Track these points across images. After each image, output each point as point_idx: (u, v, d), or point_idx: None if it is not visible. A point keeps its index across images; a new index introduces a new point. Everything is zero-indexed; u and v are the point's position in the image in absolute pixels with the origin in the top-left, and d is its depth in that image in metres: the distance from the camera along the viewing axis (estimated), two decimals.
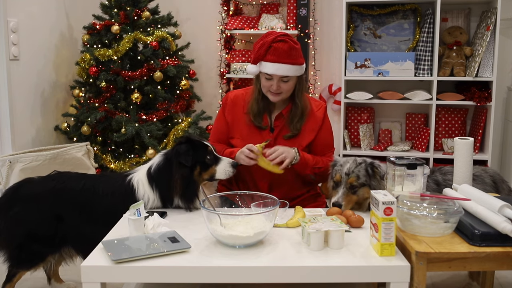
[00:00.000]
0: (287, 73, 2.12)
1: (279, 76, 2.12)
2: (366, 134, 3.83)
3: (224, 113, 2.32)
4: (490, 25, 3.42)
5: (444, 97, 3.62)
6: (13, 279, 2.18)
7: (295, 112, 2.23)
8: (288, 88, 2.18)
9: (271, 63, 2.11)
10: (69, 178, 2.16)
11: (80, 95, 3.68)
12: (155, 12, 3.76)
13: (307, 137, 2.26)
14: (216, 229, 1.63)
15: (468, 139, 1.97)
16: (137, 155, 3.55)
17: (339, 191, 1.99)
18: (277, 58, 2.10)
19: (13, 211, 2.09)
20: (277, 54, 2.10)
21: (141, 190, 2.03)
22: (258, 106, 2.23)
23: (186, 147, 2.01)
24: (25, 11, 3.32)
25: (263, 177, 2.23)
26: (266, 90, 2.20)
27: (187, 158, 1.99)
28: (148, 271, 1.50)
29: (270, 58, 2.11)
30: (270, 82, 2.16)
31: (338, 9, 3.99)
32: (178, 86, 3.70)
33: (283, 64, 2.10)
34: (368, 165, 2.01)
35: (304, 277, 1.50)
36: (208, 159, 2.04)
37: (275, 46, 2.10)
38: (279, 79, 2.14)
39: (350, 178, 1.99)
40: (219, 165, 2.05)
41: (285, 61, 2.10)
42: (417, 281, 1.48)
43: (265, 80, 2.17)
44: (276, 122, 2.27)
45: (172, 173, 1.99)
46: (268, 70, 2.12)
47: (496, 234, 1.50)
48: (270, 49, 2.11)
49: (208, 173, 2.04)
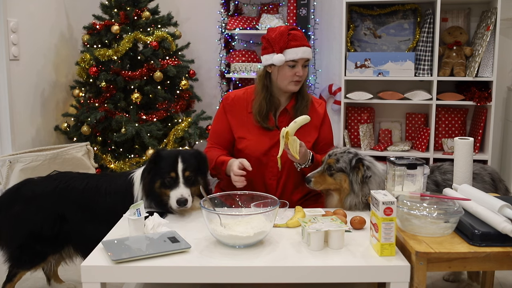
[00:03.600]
0: (309, 56, 2.22)
1: (304, 59, 2.20)
2: (366, 134, 3.83)
3: (226, 115, 2.30)
4: (490, 25, 3.42)
5: (444, 97, 3.62)
6: (13, 279, 2.18)
7: (300, 103, 2.27)
8: (306, 74, 2.26)
9: (296, 48, 2.17)
10: (72, 177, 2.17)
11: (80, 95, 3.68)
12: (155, 12, 3.76)
13: (313, 132, 2.28)
14: (216, 229, 1.63)
15: (468, 139, 1.97)
16: (137, 155, 3.55)
17: None
18: (300, 43, 2.19)
19: (14, 211, 2.10)
20: (298, 39, 2.19)
21: (135, 187, 2.06)
22: (266, 105, 2.22)
23: (150, 160, 2.00)
24: (25, 11, 3.32)
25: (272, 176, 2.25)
26: (288, 82, 2.22)
27: (144, 170, 2.01)
28: (148, 271, 1.50)
29: (294, 44, 2.18)
30: (295, 69, 2.19)
31: (338, 9, 3.99)
32: (178, 86, 3.70)
33: (305, 47, 2.20)
34: (354, 157, 2.01)
35: (304, 277, 1.50)
36: (167, 180, 1.96)
37: (293, 33, 2.19)
38: (303, 64, 2.21)
39: (330, 158, 2.02)
40: (172, 191, 1.94)
41: (306, 44, 2.21)
42: (417, 281, 1.48)
43: (288, 69, 2.20)
44: (280, 118, 2.27)
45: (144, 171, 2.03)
46: (295, 55, 2.17)
47: (496, 234, 1.50)
48: (290, 36, 2.18)
49: (166, 192, 1.97)
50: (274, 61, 2.18)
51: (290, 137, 1.97)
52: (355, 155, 2.02)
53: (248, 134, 2.25)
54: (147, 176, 1.99)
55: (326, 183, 2.02)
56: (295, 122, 1.98)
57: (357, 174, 1.98)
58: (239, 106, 2.29)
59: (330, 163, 2.01)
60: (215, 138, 2.33)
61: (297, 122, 1.98)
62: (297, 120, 1.99)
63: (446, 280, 2.55)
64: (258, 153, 2.22)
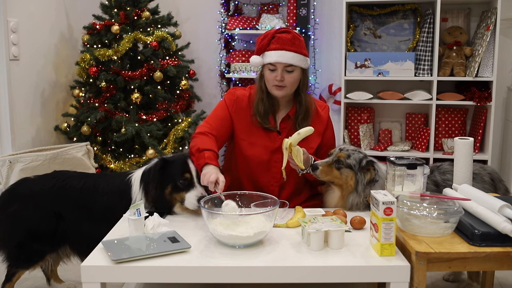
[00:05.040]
0: (291, 61, 2.08)
1: (283, 64, 2.08)
2: (366, 134, 3.83)
3: (228, 107, 2.23)
4: (490, 25, 3.42)
5: (444, 97, 3.62)
6: (12, 279, 2.18)
7: (299, 110, 2.19)
8: (292, 81, 2.12)
9: (274, 51, 2.08)
10: (69, 176, 2.17)
11: (80, 95, 3.68)
12: (155, 12, 3.76)
13: (316, 139, 2.23)
14: (216, 229, 1.63)
15: (468, 139, 1.97)
16: (137, 155, 3.55)
17: None
18: (281, 46, 2.08)
19: (11, 209, 2.09)
20: (281, 43, 2.08)
21: (135, 187, 2.05)
22: (264, 105, 2.18)
23: (156, 169, 2.00)
24: (25, 11, 3.32)
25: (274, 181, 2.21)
26: (271, 85, 2.14)
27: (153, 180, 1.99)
28: (148, 271, 1.51)
29: (274, 47, 2.09)
30: (274, 73, 2.11)
31: (338, 9, 3.99)
32: (178, 86, 3.70)
33: (286, 51, 2.07)
34: (365, 158, 2.02)
35: (304, 277, 1.50)
36: (181, 183, 1.98)
37: (279, 36, 2.10)
38: (283, 69, 2.09)
39: (341, 152, 2.02)
40: (188, 193, 1.97)
41: (289, 48, 2.08)
42: (417, 281, 1.48)
43: (269, 72, 2.13)
44: (282, 124, 2.22)
45: (149, 183, 2.00)
46: (271, 59, 2.09)
47: (496, 234, 1.50)
48: (273, 39, 2.10)
49: (179, 195, 1.99)
50: (252, 62, 2.16)
51: (293, 147, 1.94)
52: (365, 156, 2.04)
53: (245, 135, 2.21)
54: (155, 185, 1.98)
55: (332, 175, 2.02)
56: (299, 134, 1.94)
57: (364, 175, 1.99)
58: (242, 105, 2.23)
59: (340, 157, 2.01)
60: (213, 122, 2.20)
61: (300, 134, 1.94)
62: (301, 132, 1.95)
63: (446, 280, 2.55)
64: (260, 158, 2.19)
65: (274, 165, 2.19)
